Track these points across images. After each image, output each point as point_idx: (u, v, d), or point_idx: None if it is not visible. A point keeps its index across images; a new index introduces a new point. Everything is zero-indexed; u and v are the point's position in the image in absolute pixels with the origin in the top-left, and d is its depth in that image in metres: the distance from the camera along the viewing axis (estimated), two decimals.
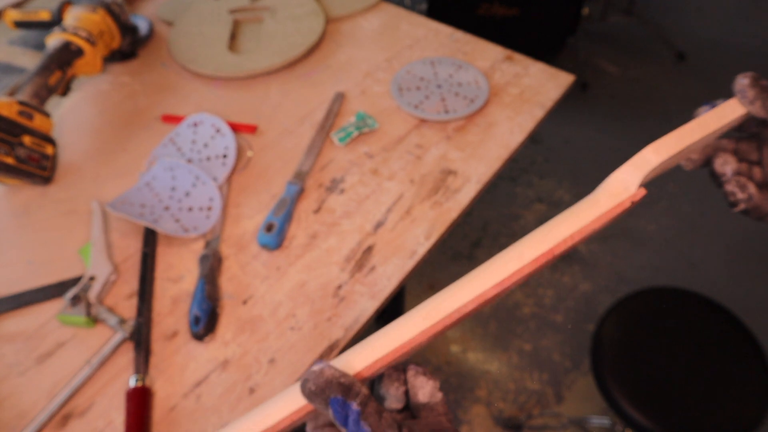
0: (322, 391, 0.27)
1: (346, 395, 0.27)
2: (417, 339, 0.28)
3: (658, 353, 0.89)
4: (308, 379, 0.28)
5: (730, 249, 1.55)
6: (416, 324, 0.28)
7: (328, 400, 0.27)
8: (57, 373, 0.50)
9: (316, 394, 0.27)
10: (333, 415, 0.27)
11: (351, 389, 0.27)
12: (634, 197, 0.29)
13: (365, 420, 0.27)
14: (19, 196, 0.65)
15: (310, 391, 0.28)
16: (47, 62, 0.66)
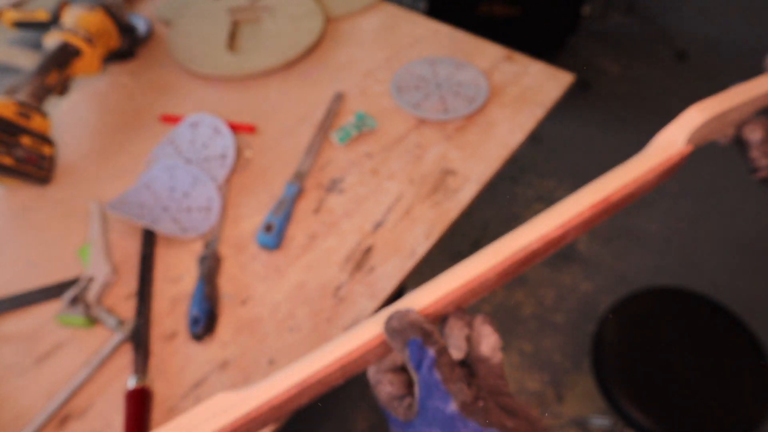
0: (404, 331, 0.28)
1: (425, 340, 0.27)
2: (484, 275, 0.29)
3: (659, 353, 0.89)
4: (393, 317, 0.28)
5: (731, 249, 1.55)
6: (484, 261, 0.29)
7: (407, 341, 0.28)
8: (56, 374, 0.50)
9: (397, 332, 0.28)
10: (409, 356, 0.28)
11: (431, 336, 0.28)
12: (682, 152, 0.32)
13: (438, 368, 0.27)
14: (17, 197, 0.64)
15: (392, 328, 0.28)
16: (45, 62, 0.65)
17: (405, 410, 0.29)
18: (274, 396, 0.27)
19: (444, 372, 0.27)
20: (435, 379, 0.27)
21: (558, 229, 0.30)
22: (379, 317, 0.29)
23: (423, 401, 0.28)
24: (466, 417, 0.27)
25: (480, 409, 0.27)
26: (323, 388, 0.29)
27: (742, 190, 1.69)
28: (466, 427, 0.26)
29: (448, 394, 0.27)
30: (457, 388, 0.27)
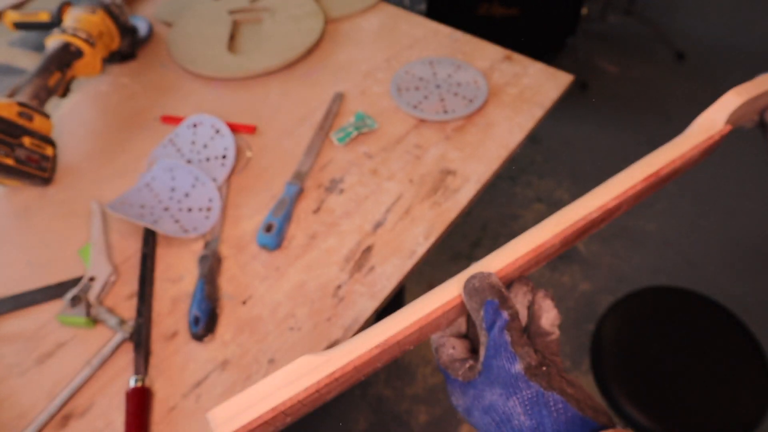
0: (483, 291, 0.29)
1: (501, 303, 0.29)
2: (550, 241, 0.32)
3: (658, 353, 0.89)
4: (475, 278, 0.30)
5: (730, 249, 1.55)
6: (549, 229, 0.32)
7: (484, 301, 0.29)
8: (57, 374, 0.50)
9: (477, 291, 0.30)
10: (483, 317, 0.29)
11: (507, 300, 0.29)
12: (722, 131, 0.35)
13: (509, 331, 0.28)
14: (18, 198, 0.65)
15: (473, 287, 0.30)
16: (47, 63, 0.66)
17: (466, 371, 0.31)
18: (358, 356, 0.29)
19: (514, 335, 0.29)
20: (504, 340, 0.28)
21: (614, 200, 0.33)
22: (457, 279, 0.31)
23: (489, 360, 0.29)
24: (529, 379, 0.28)
25: (543, 373, 0.28)
26: (399, 349, 0.30)
27: (740, 190, 1.69)
28: (529, 388, 0.28)
29: (515, 356, 0.28)
30: (525, 352, 0.28)
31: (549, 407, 0.27)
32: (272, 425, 0.29)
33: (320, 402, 0.30)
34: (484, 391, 0.29)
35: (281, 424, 0.29)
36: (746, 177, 1.73)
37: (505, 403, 0.28)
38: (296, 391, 0.28)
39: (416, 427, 1.24)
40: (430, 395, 1.29)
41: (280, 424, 0.29)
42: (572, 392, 0.28)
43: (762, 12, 2.32)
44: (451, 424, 1.25)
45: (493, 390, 0.29)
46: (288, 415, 0.29)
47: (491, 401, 0.29)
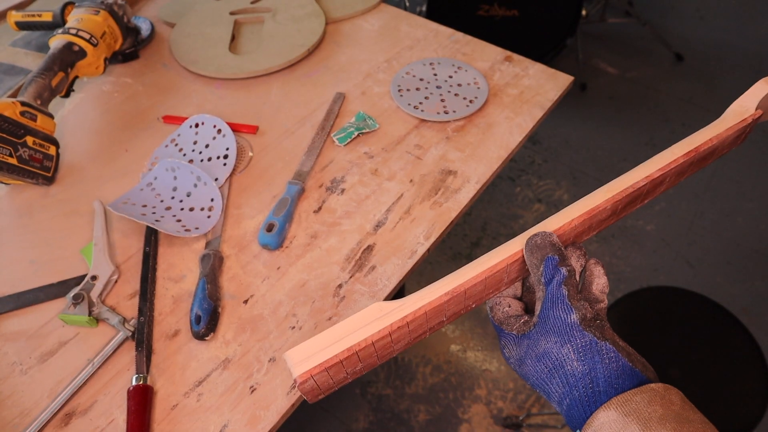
0: (545, 247, 0.31)
1: (561, 259, 0.31)
2: (602, 205, 0.35)
3: (657, 353, 0.89)
4: (537, 235, 0.32)
5: (728, 249, 1.55)
6: (602, 195, 0.35)
7: (545, 257, 0.31)
8: (59, 372, 0.50)
9: (539, 247, 0.32)
10: (542, 271, 0.31)
11: (566, 258, 0.31)
12: (754, 115, 0.40)
13: (566, 285, 0.30)
14: (21, 196, 0.65)
15: (535, 243, 0.32)
16: (50, 63, 0.66)
17: (521, 326, 0.33)
18: (428, 303, 0.31)
19: (571, 290, 0.31)
20: (562, 293, 0.30)
21: (659, 172, 0.37)
22: (520, 238, 0.33)
23: (545, 312, 0.31)
24: (584, 329, 0.30)
25: (598, 325, 0.30)
26: (465, 302, 0.33)
27: (739, 190, 1.70)
28: (584, 337, 0.29)
29: (571, 307, 0.30)
30: (581, 305, 0.30)
31: (601, 354, 0.29)
32: (345, 368, 0.30)
33: (388, 352, 0.32)
34: (539, 340, 0.31)
35: (352, 371, 0.31)
36: (745, 177, 1.73)
37: (559, 350, 0.30)
38: (370, 333, 0.30)
39: (416, 426, 1.25)
40: (430, 394, 1.29)
41: (351, 370, 0.31)
42: (623, 345, 0.30)
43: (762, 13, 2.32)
44: (451, 423, 1.25)
45: (549, 338, 0.31)
46: (360, 361, 0.31)
47: (545, 349, 0.31)
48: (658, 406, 0.26)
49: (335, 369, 0.30)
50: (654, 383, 0.28)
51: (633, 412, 0.26)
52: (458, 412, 1.27)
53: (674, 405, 0.27)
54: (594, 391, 0.28)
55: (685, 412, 0.27)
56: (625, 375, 0.28)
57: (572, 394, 0.29)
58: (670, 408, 0.26)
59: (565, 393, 0.29)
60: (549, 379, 0.30)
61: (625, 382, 0.28)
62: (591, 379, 0.28)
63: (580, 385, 0.29)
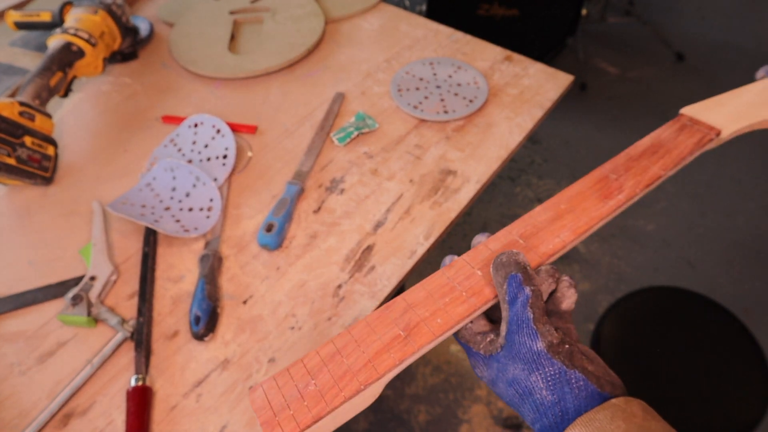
0: (509, 265, 0.31)
1: (525, 279, 0.30)
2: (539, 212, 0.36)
3: (657, 353, 0.89)
4: (504, 253, 0.32)
5: (729, 249, 1.55)
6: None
7: (508, 275, 0.30)
8: (58, 373, 0.50)
9: (504, 265, 0.31)
10: (506, 290, 0.30)
11: (531, 278, 0.30)
12: (711, 132, 0.41)
13: (531, 307, 0.29)
14: (20, 197, 0.65)
15: (500, 261, 0.31)
16: (48, 63, 0.66)
17: (487, 345, 0.32)
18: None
19: (536, 312, 0.29)
20: (527, 316, 0.29)
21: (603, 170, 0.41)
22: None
23: (511, 336, 0.30)
24: (552, 356, 0.29)
25: (566, 351, 0.29)
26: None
27: (739, 190, 1.69)
28: (552, 366, 0.29)
29: (536, 333, 0.29)
30: (546, 329, 0.29)
31: (571, 384, 0.28)
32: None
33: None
34: (507, 365, 0.30)
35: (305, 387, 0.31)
36: (746, 177, 1.73)
37: (527, 378, 0.29)
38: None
39: (416, 426, 1.25)
40: (430, 395, 1.29)
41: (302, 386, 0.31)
42: (592, 369, 0.29)
43: (762, 12, 2.32)
44: (451, 423, 1.25)
45: (516, 365, 0.30)
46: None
47: (514, 375, 0.30)
48: (620, 421, 0.27)
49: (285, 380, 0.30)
50: (616, 398, 0.28)
51: (597, 431, 0.26)
52: (458, 412, 1.27)
53: (636, 417, 0.27)
54: (564, 419, 0.28)
55: (646, 423, 0.27)
56: (594, 401, 0.28)
57: (542, 421, 0.29)
58: (632, 421, 0.27)
59: (536, 418, 0.29)
60: (520, 404, 0.30)
61: (594, 406, 0.28)
62: (561, 408, 0.28)
63: (549, 413, 0.29)
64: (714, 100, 0.45)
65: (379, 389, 0.30)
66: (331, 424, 0.29)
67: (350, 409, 0.30)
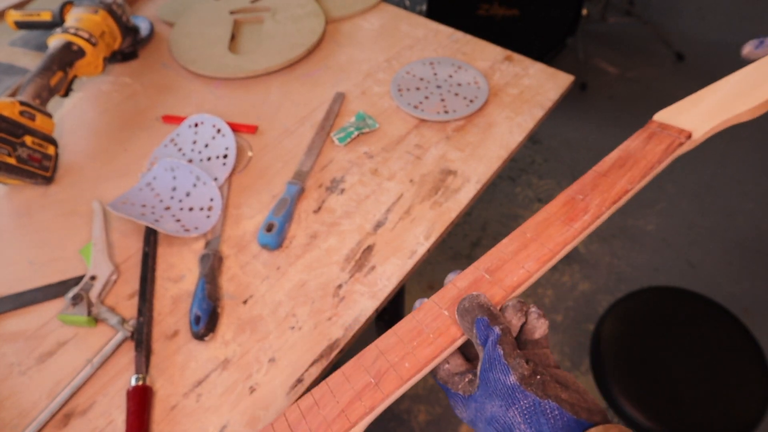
0: (473, 310, 0.31)
1: (491, 320, 0.31)
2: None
3: (658, 353, 0.89)
4: (465, 299, 0.32)
5: (729, 249, 1.55)
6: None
7: (474, 319, 0.31)
8: (58, 373, 0.50)
9: (468, 311, 0.31)
10: (476, 333, 0.31)
11: (497, 317, 0.31)
12: (682, 134, 0.40)
13: (501, 345, 0.30)
14: (20, 196, 0.65)
15: (463, 308, 0.32)
16: (49, 63, 0.66)
17: (465, 385, 0.32)
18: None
19: (506, 348, 0.30)
20: (498, 353, 0.30)
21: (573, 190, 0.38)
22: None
23: (485, 374, 0.31)
24: (525, 389, 0.29)
25: (538, 381, 0.30)
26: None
27: (739, 190, 1.69)
28: (526, 398, 0.29)
29: (508, 368, 0.30)
30: (517, 363, 0.30)
31: (546, 415, 0.28)
32: None
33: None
34: (484, 403, 0.31)
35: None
36: (746, 177, 1.73)
37: (505, 414, 0.29)
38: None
39: (416, 426, 1.25)
40: (430, 395, 1.29)
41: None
42: (566, 397, 0.29)
43: (762, 12, 2.32)
44: (451, 423, 1.25)
45: (493, 402, 0.30)
46: None
47: (492, 413, 0.30)
48: None
49: None
50: (594, 427, 0.28)
51: None
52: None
53: None
54: None
55: None
56: (571, 429, 0.28)
57: None
58: None
59: None
60: None
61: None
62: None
63: None
64: (689, 100, 0.42)
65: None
66: None
67: None
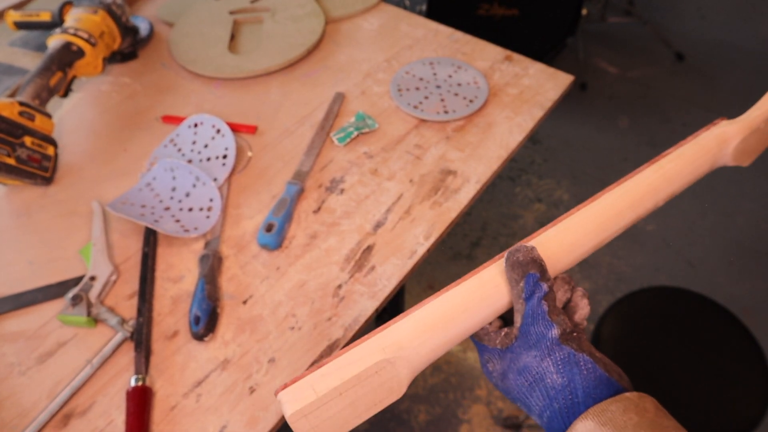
0: (527, 264, 0.32)
1: (542, 275, 0.32)
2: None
3: (658, 353, 0.89)
4: (519, 251, 0.32)
5: (729, 249, 1.55)
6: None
7: (526, 273, 0.31)
8: (58, 373, 0.50)
9: (521, 264, 0.32)
10: (523, 287, 0.31)
11: (547, 274, 0.32)
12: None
13: (546, 301, 0.31)
14: (20, 197, 0.65)
15: (516, 260, 0.32)
16: (48, 63, 0.66)
17: (503, 339, 0.33)
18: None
19: (551, 305, 0.31)
20: (542, 309, 0.31)
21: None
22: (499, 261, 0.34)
23: (526, 327, 0.31)
24: (562, 343, 0.30)
25: (575, 338, 0.31)
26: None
27: (739, 190, 1.69)
28: (562, 350, 0.30)
29: (551, 323, 0.31)
30: (560, 319, 0.31)
31: (579, 366, 0.30)
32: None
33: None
34: (520, 354, 0.32)
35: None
36: (746, 177, 1.73)
37: (539, 364, 0.31)
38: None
39: (416, 426, 1.25)
40: (430, 395, 1.29)
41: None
42: (600, 356, 0.31)
43: (762, 12, 2.32)
44: (452, 423, 1.25)
45: (529, 353, 0.31)
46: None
47: (526, 363, 0.31)
48: (633, 414, 0.27)
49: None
50: (629, 392, 0.29)
51: (609, 421, 0.27)
52: (458, 412, 1.27)
53: (648, 413, 0.28)
54: (573, 402, 0.29)
55: (659, 419, 0.28)
56: (602, 385, 0.29)
57: (552, 407, 0.30)
58: (644, 416, 0.28)
59: (545, 405, 0.30)
60: (530, 393, 0.31)
61: (603, 391, 0.29)
62: (570, 390, 0.30)
63: (560, 397, 0.30)
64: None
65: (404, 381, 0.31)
66: (352, 414, 0.30)
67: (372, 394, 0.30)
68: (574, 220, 0.36)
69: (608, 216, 0.36)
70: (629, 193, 0.37)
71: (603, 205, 0.36)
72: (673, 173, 0.38)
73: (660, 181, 0.38)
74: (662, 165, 0.38)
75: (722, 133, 0.40)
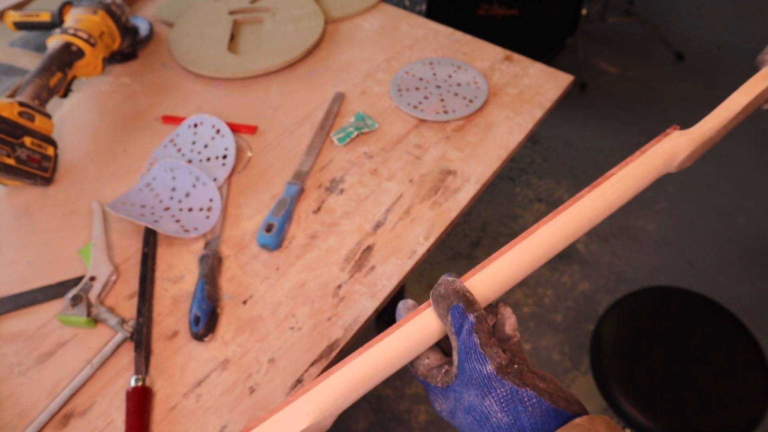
0: (448, 296, 0.31)
1: (467, 307, 0.30)
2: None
3: (658, 353, 0.89)
4: (440, 285, 0.31)
5: (729, 249, 1.55)
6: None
7: (450, 306, 0.30)
8: (58, 373, 0.50)
9: (443, 297, 0.31)
10: (451, 321, 0.30)
11: (473, 304, 0.31)
12: None
13: (477, 333, 0.30)
14: (20, 197, 0.65)
15: (438, 294, 0.31)
16: (48, 63, 0.66)
17: (443, 377, 0.32)
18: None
19: (482, 337, 0.30)
20: (473, 342, 0.29)
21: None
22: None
23: (462, 364, 0.30)
24: (502, 377, 0.29)
25: (516, 370, 0.29)
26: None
27: (739, 190, 1.69)
28: (503, 386, 0.29)
29: (485, 357, 0.29)
30: (494, 352, 0.29)
31: (524, 403, 0.28)
32: None
33: None
34: (462, 393, 0.30)
35: None
36: (746, 177, 1.73)
37: (481, 403, 0.29)
38: None
39: (416, 426, 1.25)
40: None
41: None
42: (544, 386, 0.29)
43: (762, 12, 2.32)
44: None
45: (470, 391, 0.30)
46: None
47: (469, 402, 0.30)
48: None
49: None
50: (579, 418, 0.28)
51: None
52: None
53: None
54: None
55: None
56: (550, 417, 0.28)
57: None
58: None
59: None
60: (480, 431, 0.30)
61: (551, 423, 0.28)
62: (518, 428, 0.28)
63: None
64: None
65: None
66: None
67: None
68: (507, 260, 0.34)
69: (544, 251, 0.34)
70: (567, 225, 0.35)
71: (539, 240, 0.34)
72: (614, 198, 0.36)
73: (601, 208, 0.35)
74: (604, 191, 0.35)
75: (671, 148, 0.38)
